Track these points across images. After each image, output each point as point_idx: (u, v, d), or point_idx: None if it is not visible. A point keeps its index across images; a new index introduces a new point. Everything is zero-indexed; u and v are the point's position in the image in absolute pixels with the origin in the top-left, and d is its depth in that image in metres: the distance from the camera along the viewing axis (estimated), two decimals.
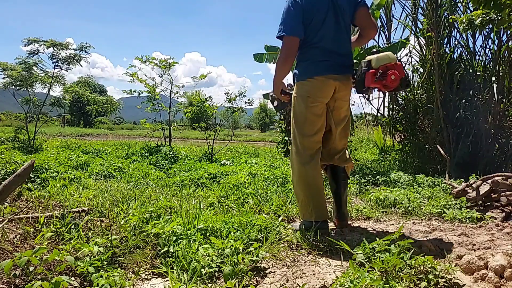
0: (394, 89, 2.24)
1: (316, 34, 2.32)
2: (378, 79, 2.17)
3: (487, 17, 3.43)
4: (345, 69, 2.38)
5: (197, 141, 15.84)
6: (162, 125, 7.91)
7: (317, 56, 2.34)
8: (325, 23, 2.31)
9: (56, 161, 4.72)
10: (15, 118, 10.44)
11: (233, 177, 4.04)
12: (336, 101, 2.42)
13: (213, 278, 1.75)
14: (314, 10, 2.29)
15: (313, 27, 2.31)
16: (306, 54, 2.38)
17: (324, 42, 2.33)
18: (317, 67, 2.34)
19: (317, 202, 2.36)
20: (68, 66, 7.92)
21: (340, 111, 2.46)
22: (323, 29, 2.32)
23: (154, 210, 2.49)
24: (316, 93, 2.35)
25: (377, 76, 2.16)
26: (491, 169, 4.69)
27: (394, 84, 2.16)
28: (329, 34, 2.33)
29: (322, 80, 2.32)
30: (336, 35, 2.35)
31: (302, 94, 2.38)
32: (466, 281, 1.66)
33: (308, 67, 2.37)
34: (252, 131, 45.41)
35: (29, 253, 1.55)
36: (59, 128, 25.55)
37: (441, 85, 5.17)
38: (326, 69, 2.32)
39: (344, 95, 2.43)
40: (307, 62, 2.38)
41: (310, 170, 2.37)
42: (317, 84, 2.33)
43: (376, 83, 2.18)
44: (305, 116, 2.39)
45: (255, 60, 9.11)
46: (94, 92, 9.87)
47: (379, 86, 2.22)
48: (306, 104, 2.36)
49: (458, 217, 2.83)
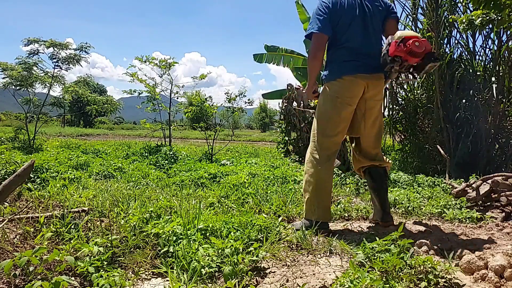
0: (423, 60, 2.15)
1: (344, 35, 2.39)
2: (400, 45, 2.13)
3: (487, 17, 3.43)
4: (374, 69, 2.37)
5: (197, 141, 15.84)
6: (162, 125, 7.91)
7: (345, 56, 2.39)
8: (352, 24, 2.38)
9: (56, 161, 4.72)
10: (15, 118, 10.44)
11: (233, 177, 4.03)
12: (367, 101, 2.44)
13: (213, 278, 1.75)
14: (342, 12, 2.37)
15: (340, 28, 2.38)
16: (334, 55, 2.46)
17: (352, 43, 2.38)
18: (345, 67, 2.38)
19: (323, 203, 2.40)
20: (68, 66, 7.92)
21: (372, 111, 2.47)
22: (350, 30, 2.38)
23: (154, 210, 2.48)
24: (345, 93, 2.39)
25: (399, 43, 2.13)
26: (491, 169, 4.69)
27: (419, 50, 2.10)
28: (356, 36, 2.38)
29: (350, 80, 2.36)
30: (364, 37, 2.39)
31: (330, 94, 2.43)
32: (466, 281, 1.66)
33: (337, 67, 2.42)
34: (252, 131, 45.42)
35: (29, 253, 1.55)
36: (59, 128, 25.55)
37: (441, 85, 5.17)
38: (355, 68, 2.36)
39: (375, 94, 2.44)
40: (336, 62, 2.44)
41: (324, 171, 2.41)
42: (345, 84, 2.38)
43: (399, 50, 2.13)
44: (329, 116, 2.44)
45: (255, 60, 9.13)
46: (94, 92, 9.88)
47: (403, 55, 2.14)
48: (333, 104, 2.41)
49: (458, 217, 2.83)
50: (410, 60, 2.17)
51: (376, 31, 2.45)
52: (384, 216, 2.52)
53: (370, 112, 2.47)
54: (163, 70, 7.47)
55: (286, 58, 8.80)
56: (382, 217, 2.53)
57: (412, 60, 2.17)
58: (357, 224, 2.70)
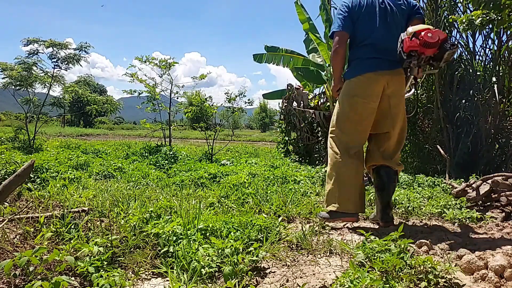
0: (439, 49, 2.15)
1: (364, 33, 2.44)
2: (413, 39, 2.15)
3: (487, 17, 3.43)
4: (394, 64, 2.38)
5: (197, 141, 15.84)
6: (162, 125, 7.91)
7: (366, 54, 2.44)
8: (373, 22, 2.43)
9: (56, 161, 4.72)
10: (15, 118, 10.44)
11: (233, 177, 4.03)
12: (390, 98, 2.45)
13: (213, 278, 1.75)
14: (362, 10, 2.44)
15: (361, 26, 2.44)
16: (355, 53, 2.51)
17: (372, 39, 2.42)
18: (365, 64, 2.43)
19: (345, 195, 2.45)
20: (68, 66, 7.92)
21: (398, 108, 2.48)
22: (370, 28, 2.43)
23: (154, 210, 2.48)
24: (363, 91, 2.42)
25: (412, 37, 2.16)
26: (491, 169, 4.69)
27: (432, 40, 2.11)
28: (377, 33, 2.42)
29: (369, 77, 2.40)
30: (385, 33, 2.42)
31: (348, 92, 2.48)
32: (466, 281, 1.66)
33: (357, 65, 2.48)
34: (252, 131, 45.42)
35: (29, 253, 1.55)
36: (59, 128, 25.55)
37: (441, 85, 5.17)
38: (375, 66, 2.39)
39: (397, 90, 2.45)
40: (357, 60, 2.49)
41: (343, 164, 2.46)
42: (365, 81, 2.41)
43: (413, 44, 2.15)
44: (347, 114, 2.48)
45: (254, 60, 9.12)
46: (94, 92, 9.88)
47: (419, 48, 2.16)
48: (351, 102, 2.46)
49: (458, 217, 2.83)
50: (426, 51, 2.17)
51: (398, 29, 2.42)
52: (385, 216, 2.51)
53: (396, 109, 2.47)
54: (163, 70, 7.48)
55: (286, 58, 8.79)
56: (382, 217, 2.52)
57: (429, 51, 2.17)
58: (357, 224, 2.70)
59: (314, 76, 8.27)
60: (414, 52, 2.20)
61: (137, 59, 7.39)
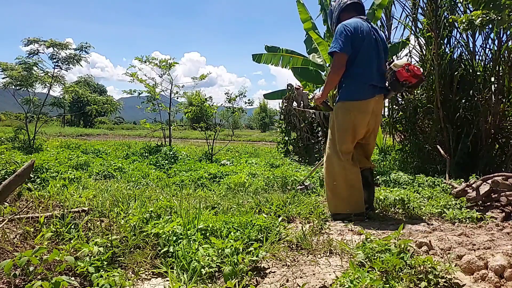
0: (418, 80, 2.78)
1: (363, 57, 2.82)
2: (407, 71, 2.75)
3: (487, 17, 3.43)
4: (382, 89, 2.92)
5: (197, 141, 15.84)
6: (162, 125, 7.91)
7: (366, 79, 2.83)
8: (370, 49, 2.84)
9: (56, 161, 4.72)
10: (15, 118, 10.44)
11: (233, 177, 4.03)
12: (376, 116, 2.96)
13: (213, 278, 1.75)
14: (362, 37, 2.81)
15: (361, 50, 2.80)
16: (353, 74, 2.84)
17: (371, 68, 2.85)
18: (365, 90, 2.84)
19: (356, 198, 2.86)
20: (68, 66, 7.93)
21: (377, 119, 3.00)
22: (368, 54, 2.83)
23: (154, 210, 2.48)
24: (364, 109, 2.86)
25: (406, 69, 2.75)
26: (491, 169, 4.69)
27: (419, 72, 2.76)
28: (373, 59, 2.86)
29: (368, 101, 2.85)
30: (378, 60, 2.89)
31: (349, 112, 2.87)
32: (466, 281, 1.66)
33: (358, 89, 2.85)
34: (252, 131, 45.42)
35: (29, 253, 1.54)
36: (59, 128, 25.55)
37: (441, 85, 5.17)
38: (372, 92, 2.85)
39: (380, 108, 3.04)
40: (355, 84, 2.85)
41: (351, 170, 2.86)
42: (364, 105, 2.85)
43: (407, 74, 2.75)
44: (346, 128, 2.88)
45: (254, 60, 9.11)
46: (94, 92, 9.88)
47: (409, 78, 2.75)
48: (352, 120, 2.85)
49: (458, 217, 2.83)
50: (413, 81, 2.77)
51: (381, 59, 2.95)
52: (369, 207, 3.01)
53: (377, 123, 3.03)
54: (163, 70, 7.48)
55: (286, 58, 8.79)
56: (368, 208, 2.98)
57: (413, 81, 2.77)
58: (357, 224, 2.70)
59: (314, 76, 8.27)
60: (406, 81, 2.77)
61: (137, 59, 7.39)
